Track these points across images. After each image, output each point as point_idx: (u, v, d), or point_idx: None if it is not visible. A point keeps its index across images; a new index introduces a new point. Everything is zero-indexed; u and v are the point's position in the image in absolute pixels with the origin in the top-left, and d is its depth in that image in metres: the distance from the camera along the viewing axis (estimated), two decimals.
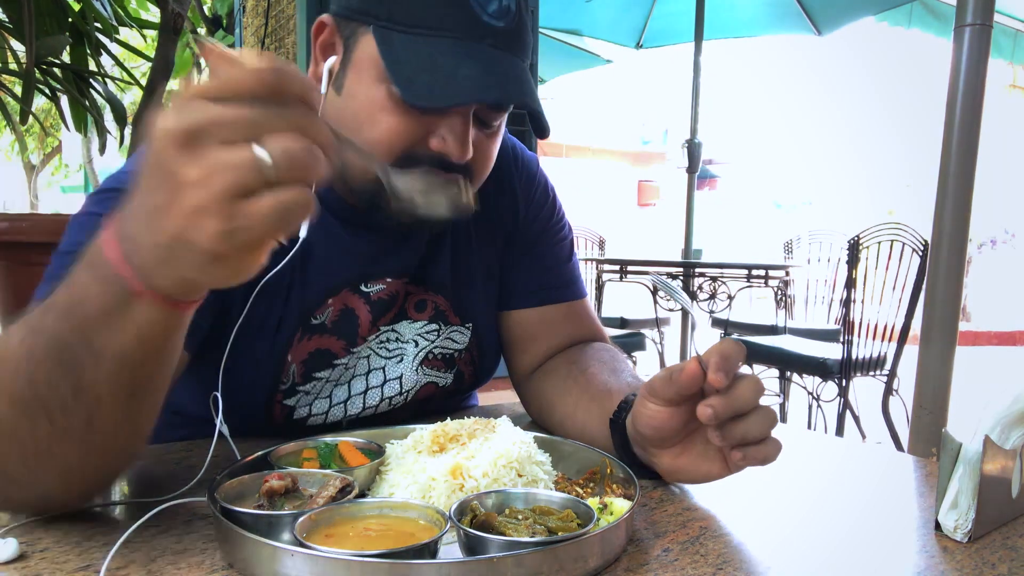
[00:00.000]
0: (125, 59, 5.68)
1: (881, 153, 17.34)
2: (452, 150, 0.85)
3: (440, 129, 0.85)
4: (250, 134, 0.47)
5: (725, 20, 5.36)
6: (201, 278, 0.53)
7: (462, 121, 0.85)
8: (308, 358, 0.96)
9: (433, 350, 1.06)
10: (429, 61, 0.80)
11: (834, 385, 3.48)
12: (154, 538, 0.64)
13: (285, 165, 0.47)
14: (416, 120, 0.84)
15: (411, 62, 0.81)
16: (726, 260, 4.38)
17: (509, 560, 0.55)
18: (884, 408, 3.44)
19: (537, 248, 1.16)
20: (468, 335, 1.09)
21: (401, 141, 0.85)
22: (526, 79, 0.86)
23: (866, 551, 0.67)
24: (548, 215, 1.18)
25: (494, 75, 0.82)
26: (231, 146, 0.47)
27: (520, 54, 0.87)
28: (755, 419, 0.71)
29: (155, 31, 3.11)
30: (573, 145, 18.59)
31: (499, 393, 1.38)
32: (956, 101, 1.89)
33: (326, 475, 0.69)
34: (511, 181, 1.15)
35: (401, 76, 0.81)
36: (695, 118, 4.80)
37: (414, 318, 1.04)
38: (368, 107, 0.85)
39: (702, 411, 0.70)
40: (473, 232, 1.11)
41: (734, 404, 0.70)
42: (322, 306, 0.97)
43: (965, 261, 1.97)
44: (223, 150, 0.47)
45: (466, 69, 0.80)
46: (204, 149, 0.47)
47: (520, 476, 0.72)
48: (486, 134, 0.91)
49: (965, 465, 0.70)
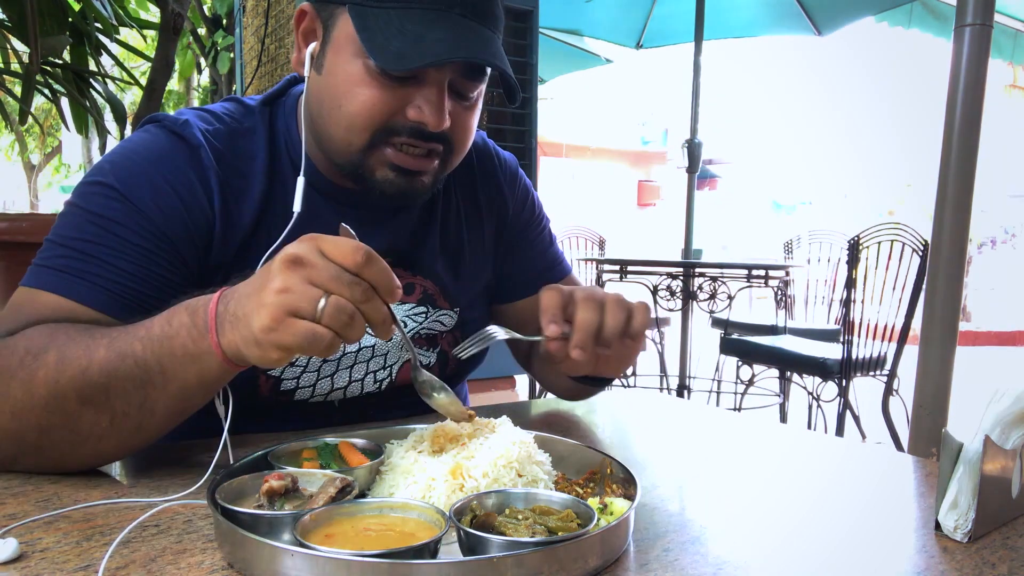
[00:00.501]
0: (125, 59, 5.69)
1: (881, 153, 17.34)
2: (428, 118, 0.89)
3: (416, 99, 0.89)
4: (326, 285, 0.66)
5: (725, 20, 5.35)
6: (246, 352, 0.70)
7: (437, 90, 0.89)
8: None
9: (420, 331, 1.09)
10: (399, 29, 0.85)
11: (834, 385, 3.48)
12: (154, 538, 0.64)
13: (328, 314, 0.66)
14: (393, 91, 0.89)
15: (383, 31, 0.85)
16: (726, 260, 4.38)
17: (509, 560, 0.55)
18: (884, 408, 3.44)
19: (525, 243, 1.23)
20: (455, 319, 1.12)
21: (379, 112, 0.89)
22: (495, 44, 0.90)
23: (866, 551, 0.67)
24: (531, 210, 1.25)
25: (462, 39, 0.86)
26: (309, 284, 0.66)
27: (489, 24, 0.90)
28: (607, 322, 0.85)
29: (155, 31, 3.11)
30: (573, 145, 18.59)
31: (499, 393, 1.39)
32: (956, 101, 1.89)
33: (326, 475, 0.69)
34: (496, 176, 1.21)
35: (374, 44, 0.85)
36: (695, 118, 4.79)
37: (403, 300, 1.07)
38: (347, 82, 0.90)
39: (575, 354, 0.85)
40: (463, 219, 1.15)
41: (584, 336, 0.85)
42: None
43: (965, 261, 1.97)
44: (303, 283, 0.66)
45: (435, 33, 0.85)
46: (295, 275, 0.66)
47: (520, 476, 0.72)
48: (463, 106, 0.95)
49: (965, 465, 0.70)
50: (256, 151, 0.98)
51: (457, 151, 0.98)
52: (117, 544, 0.62)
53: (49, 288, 0.83)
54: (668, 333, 4.79)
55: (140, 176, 0.89)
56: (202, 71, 6.01)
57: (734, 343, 3.95)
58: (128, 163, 0.90)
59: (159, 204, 0.88)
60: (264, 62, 3.41)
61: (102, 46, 2.85)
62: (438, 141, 0.93)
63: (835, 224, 5.41)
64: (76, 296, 0.83)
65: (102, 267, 0.84)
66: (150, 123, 0.96)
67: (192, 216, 0.91)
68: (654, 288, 4.05)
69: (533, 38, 3.09)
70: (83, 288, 0.83)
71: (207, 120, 0.97)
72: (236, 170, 0.96)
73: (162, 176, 0.90)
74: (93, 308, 0.83)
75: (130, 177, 0.88)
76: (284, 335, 0.66)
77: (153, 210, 0.88)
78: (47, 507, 0.70)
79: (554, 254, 1.27)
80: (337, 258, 0.66)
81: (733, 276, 3.93)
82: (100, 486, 0.78)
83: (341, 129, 0.92)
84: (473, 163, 1.18)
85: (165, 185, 0.89)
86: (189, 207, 0.90)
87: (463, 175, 1.16)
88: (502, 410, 1.07)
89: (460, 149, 0.98)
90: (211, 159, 0.93)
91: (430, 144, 0.93)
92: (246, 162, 0.97)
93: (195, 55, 5.54)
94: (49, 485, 0.77)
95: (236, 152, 0.97)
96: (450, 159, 0.98)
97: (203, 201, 0.92)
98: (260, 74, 3.44)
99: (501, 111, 3.04)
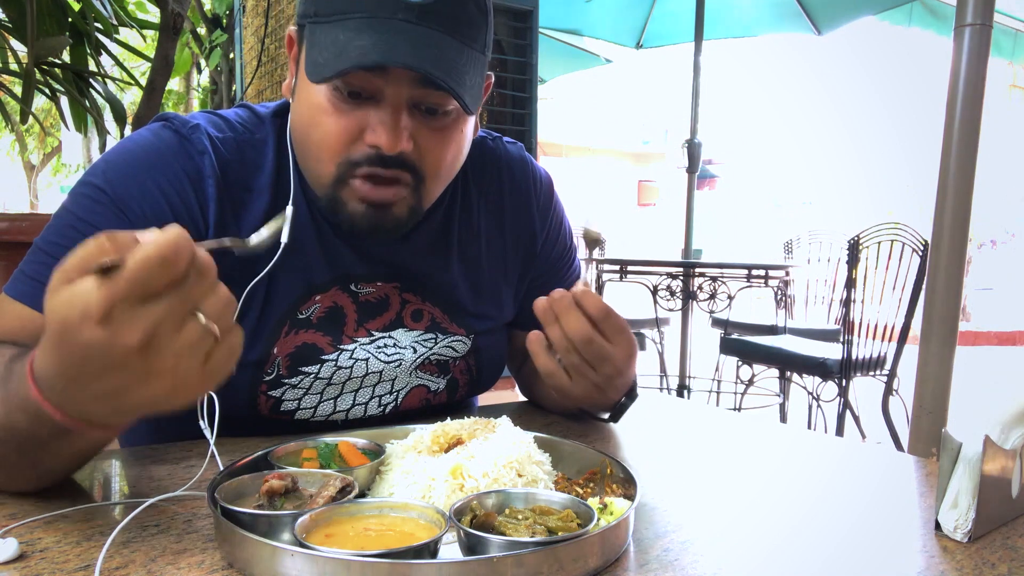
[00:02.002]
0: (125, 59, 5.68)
1: (881, 153, 17.34)
2: (382, 140, 0.84)
3: (371, 121, 0.85)
4: (151, 325, 0.52)
5: (725, 20, 5.35)
6: (138, 413, 0.59)
7: (392, 109, 0.85)
8: (294, 351, 0.96)
9: (431, 357, 1.05)
10: (333, 41, 0.81)
11: (834, 385, 3.48)
12: (154, 538, 0.64)
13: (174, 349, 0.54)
14: (349, 116, 0.85)
15: (320, 46, 0.82)
16: (726, 260, 4.38)
17: (509, 560, 0.55)
18: (884, 408, 3.44)
19: (552, 279, 1.17)
20: (469, 346, 1.08)
21: (338, 140, 0.86)
22: (443, 51, 0.82)
23: (866, 551, 0.67)
24: (563, 245, 1.20)
25: (392, 44, 0.80)
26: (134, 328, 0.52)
27: (449, 30, 0.83)
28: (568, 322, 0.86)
29: (155, 31, 3.11)
30: (573, 145, 18.59)
31: (499, 393, 1.39)
32: (956, 101, 1.89)
33: (326, 475, 0.69)
34: (529, 203, 1.15)
35: (309, 61, 0.83)
36: (695, 118, 4.79)
37: (410, 327, 1.04)
38: (310, 110, 0.87)
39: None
40: (484, 243, 1.10)
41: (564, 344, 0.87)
42: (308, 302, 0.97)
43: (965, 261, 1.97)
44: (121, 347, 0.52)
45: (362, 40, 0.80)
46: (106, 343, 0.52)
47: (520, 476, 0.72)
48: (432, 127, 0.88)
49: (965, 465, 0.70)
50: (264, 164, 0.95)
51: (430, 179, 0.91)
52: (117, 544, 0.62)
53: (18, 297, 0.82)
54: (668, 333, 4.79)
55: (131, 179, 0.87)
56: (202, 71, 6.01)
57: (734, 343, 3.95)
58: (123, 164, 0.89)
59: (144, 210, 0.86)
60: (264, 62, 3.41)
61: (102, 46, 2.84)
62: (401, 168, 0.87)
63: (835, 224, 5.41)
64: (41, 308, 0.81)
65: None
66: (160, 121, 0.94)
67: (180, 224, 0.89)
68: (654, 288, 4.05)
69: (533, 38, 3.10)
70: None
71: (219, 127, 0.95)
72: (241, 182, 0.93)
73: (154, 181, 0.87)
74: None
75: (121, 179, 0.87)
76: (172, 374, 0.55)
77: (138, 216, 0.85)
78: (47, 507, 0.70)
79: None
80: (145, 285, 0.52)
81: (733, 276, 3.93)
82: (100, 486, 0.78)
83: (312, 162, 0.90)
84: (504, 183, 1.12)
85: (155, 190, 0.87)
86: (178, 215, 0.87)
87: (491, 195, 1.11)
88: (502, 410, 1.07)
89: (433, 175, 0.91)
90: (214, 167, 0.90)
91: (393, 171, 0.87)
92: (253, 174, 0.94)
93: (193, 54, 5.53)
94: (49, 485, 0.77)
95: (244, 162, 0.94)
96: (423, 187, 0.91)
97: (195, 210, 0.89)
98: (260, 74, 3.44)
99: (501, 111, 3.05)
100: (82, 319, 0.51)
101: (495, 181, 1.12)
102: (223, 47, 4.47)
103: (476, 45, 0.88)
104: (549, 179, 1.20)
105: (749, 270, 3.94)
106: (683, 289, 4.01)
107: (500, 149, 1.15)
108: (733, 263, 4.07)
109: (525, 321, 1.14)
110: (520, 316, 1.16)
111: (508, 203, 1.13)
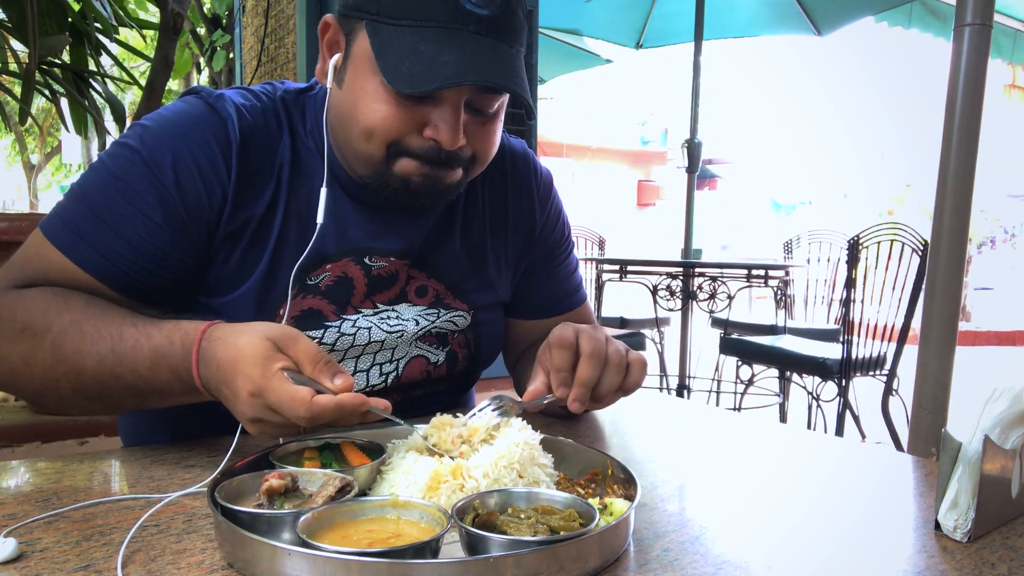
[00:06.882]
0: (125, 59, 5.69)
1: (881, 153, 17.34)
2: (443, 137, 0.90)
3: (432, 118, 0.90)
4: (285, 430, 0.79)
5: (725, 20, 5.35)
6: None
7: (452, 110, 0.90)
8: (300, 315, 0.99)
9: (432, 329, 1.09)
10: (412, 49, 0.85)
11: (834, 385, 3.48)
12: (154, 538, 0.64)
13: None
14: (409, 110, 0.89)
15: (396, 51, 0.86)
16: (726, 260, 4.37)
17: (508, 560, 0.55)
18: (884, 408, 3.44)
19: (548, 265, 1.23)
20: (469, 320, 1.12)
21: (396, 129, 0.90)
22: (511, 62, 0.89)
23: (866, 551, 0.67)
24: (560, 233, 1.24)
25: (475, 59, 0.86)
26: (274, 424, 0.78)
27: (506, 39, 0.89)
28: (605, 381, 0.90)
29: (155, 31, 3.11)
30: (573, 145, 18.59)
31: (499, 393, 1.38)
32: (956, 101, 1.89)
33: (326, 475, 0.69)
34: (531, 192, 1.20)
35: (387, 65, 0.86)
36: (695, 118, 4.79)
37: (414, 302, 1.07)
38: (364, 98, 0.91)
39: (572, 406, 0.88)
40: (488, 225, 1.15)
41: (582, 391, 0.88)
42: (319, 269, 1.00)
43: (965, 261, 1.97)
44: (270, 419, 0.77)
45: (447, 55, 0.84)
46: (261, 411, 0.77)
47: (521, 477, 0.72)
48: (481, 121, 0.95)
49: (965, 465, 0.70)
50: (284, 132, 1.00)
51: (479, 164, 0.99)
52: (117, 544, 0.62)
53: (59, 245, 0.91)
54: (668, 333, 4.79)
55: (165, 145, 0.92)
56: (202, 71, 6.01)
57: (734, 343, 3.95)
58: (158, 129, 0.93)
59: (178, 176, 0.91)
60: (264, 62, 3.41)
61: (102, 46, 2.84)
62: (456, 160, 0.94)
63: (835, 224, 5.41)
64: (80, 261, 0.90)
65: (109, 235, 0.89)
66: (190, 94, 0.99)
67: (208, 189, 0.93)
68: (654, 288, 4.05)
69: (533, 38, 3.09)
70: (88, 254, 0.90)
71: (245, 96, 1.00)
72: (263, 145, 0.98)
73: (187, 147, 0.92)
74: (93, 276, 0.90)
75: (156, 144, 0.92)
76: (258, 428, 0.79)
77: (171, 182, 0.91)
78: (47, 507, 0.70)
79: (574, 282, 1.26)
80: (288, 416, 0.74)
81: (733, 276, 3.93)
82: (100, 486, 0.78)
83: (360, 141, 0.93)
84: (507, 172, 1.18)
85: (188, 157, 0.92)
86: (208, 182, 0.93)
87: (495, 181, 1.16)
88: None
89: (482, 159, 0.99)
90: (236, 132, 0.95)
91: (447, 159, 0.93)
92: (274, 139, 0.99)
93: (193, 54, 5.53)
94: (49, 485, 0.77)
95: (267, 129, 0.99)
96: (472, 168, 0.99)
97: (223, 175, 0.94)
98: (260, 74, 3.44)
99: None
100: (258, 406, 0.75)
101: (499, 168, 1.16)
102: (224, 47, 4.47)
103: (522, 47, 0.94)
104: (549, 174, 1.26)
105: (749, 270, 3.94)
106: (683, 289, 4.01)
107: (504, 140, 1.20)
108: (733, 263, 4.08)
109: (518, 307, 1.20)
110: (515, 304, 1.21)
111: (511, 187, 1.18)
